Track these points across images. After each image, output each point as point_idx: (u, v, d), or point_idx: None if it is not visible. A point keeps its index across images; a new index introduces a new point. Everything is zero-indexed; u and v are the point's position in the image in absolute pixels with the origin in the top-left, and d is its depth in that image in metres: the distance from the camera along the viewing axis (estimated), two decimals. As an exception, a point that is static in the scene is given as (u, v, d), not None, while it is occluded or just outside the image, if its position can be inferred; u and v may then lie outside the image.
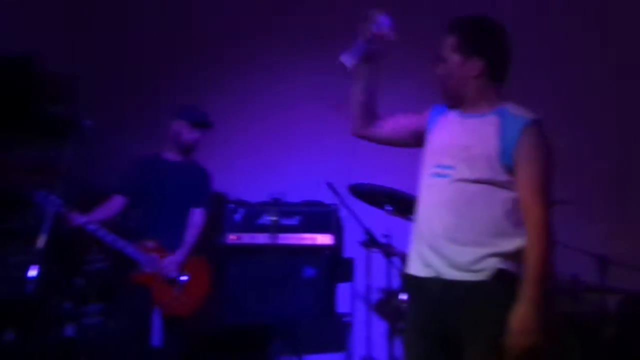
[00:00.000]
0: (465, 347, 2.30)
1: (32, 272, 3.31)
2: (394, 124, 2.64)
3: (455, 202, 2.34)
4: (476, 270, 2.29)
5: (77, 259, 4.32)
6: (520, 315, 2.21)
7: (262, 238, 4.60)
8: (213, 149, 5.00)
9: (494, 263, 2.29)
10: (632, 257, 3.71)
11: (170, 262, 3.96)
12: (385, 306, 4.16)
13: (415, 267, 2.43)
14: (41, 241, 3.43)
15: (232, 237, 4.63)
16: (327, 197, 4.41)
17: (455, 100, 2.48)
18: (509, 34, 2.45)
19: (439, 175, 2.40)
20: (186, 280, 3.97)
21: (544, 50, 4.34)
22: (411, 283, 2.46)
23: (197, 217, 4.11)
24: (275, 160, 4.91)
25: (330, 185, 3.87)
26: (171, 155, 4.16)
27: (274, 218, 3.72)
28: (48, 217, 3.47)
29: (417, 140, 2.58)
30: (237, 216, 4.66)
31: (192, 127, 4.11)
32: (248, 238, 4.63)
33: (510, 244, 2.30)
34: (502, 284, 2.28)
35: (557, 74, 4.40)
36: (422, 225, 2.42)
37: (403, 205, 3.61)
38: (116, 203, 4.05)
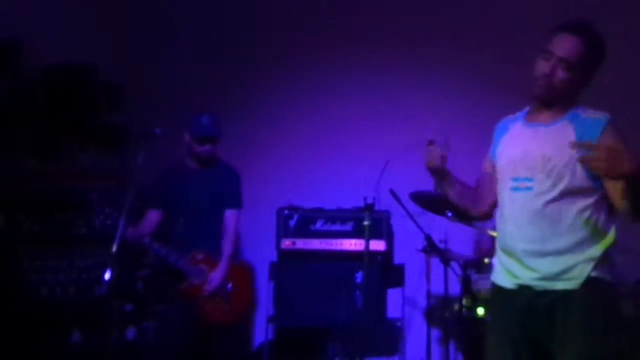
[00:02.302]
0: (555, 356, 2.31)
1: (107, 275, 3.39)
2: (487, 189, 2.60)
3: (539, 215, 2.33)
4: (566, 279, 2.31)
5: (136, 263, 4.42)
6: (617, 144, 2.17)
7: (315, 243, 4.71)
8: (267, 154, 5.13)
9: (584, 271, 2.31)
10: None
11: (214, 279, 4.02)
12: (441, 311, 4.21)
13: (503, 279, 2.45)
14: (115, 246, 3.53)
15: (286, 243, 4.73)
16: (378, 204, 4.52)
17: (547, 104, 2.41)
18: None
19: (519, 188, 2.39)
20: (230, 289, 4.07)
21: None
22: (499, 293, 2.48)
23: (230, 219, 4.15)
24: (333, 166, 5.00)
25: (392, 192, 3.94)
26: (192, 162, 4.15)
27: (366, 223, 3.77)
28: (121, 223, 3.54)
29: None
30: (292, 222, 4.75)
31: (198, 142, 4.07)
32: (302, 243, 4.73)
33: (598, 250, 2.33)
34: (593, 291, 2.30)
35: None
36: (508, 239, 2.42)
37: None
38: (152, 218, 4.08)
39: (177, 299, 3.99)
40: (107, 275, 3.40)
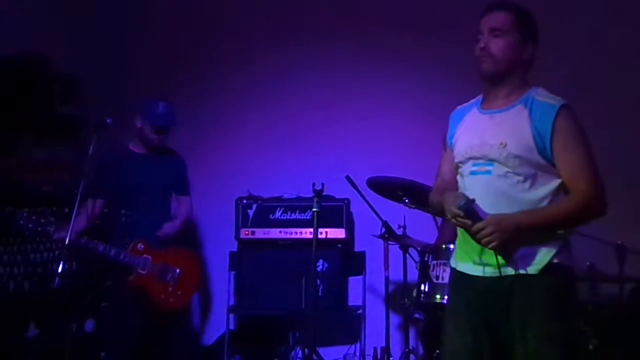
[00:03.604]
0: (515, 340, 2.31)
1: (60, 267, 3.35)
2: (452, 178, 2.54)
3: (500, 199, 2.32)
4: (527, 264, 2.30)
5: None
6: (504, 219, 2.26)
7: (275, 233, 4.70)
8: (226, 145, 5.10)
9: (546, 257, 2.31)
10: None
11: (165, 227, 3.99)
12: (400, 298, 4.22)
13: (463, 264, 2.44)
14: (67, 238, 3.48)
15: (245, 232, 4.71)
16: (339, 192, 4.53)
17: (496, 79, 2.40)
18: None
19: (478, 173, 2.38)
20: (178, 274, 4.02)
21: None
22: (459, 278, 2.46)
23: (185, 205, 4.18)
24: (291, 155, 4.99)
25: (349, 179, 3.93)
26: (140, 147, 4.07)
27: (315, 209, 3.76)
28: (74, 214, 3.50)
29: None
30: (251, 211, 4.74)
31: (154, 131, 3.98)
32: (261, 233, 4.71)
33: (560, 236, 2.33)
34: (553, 277, 2.30)
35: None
36: None
37: (421, 197, 3.67)
38: (94, 207, 4.00)
39: (125, 291, 3.93)
40: (60, 268, 3.37)
